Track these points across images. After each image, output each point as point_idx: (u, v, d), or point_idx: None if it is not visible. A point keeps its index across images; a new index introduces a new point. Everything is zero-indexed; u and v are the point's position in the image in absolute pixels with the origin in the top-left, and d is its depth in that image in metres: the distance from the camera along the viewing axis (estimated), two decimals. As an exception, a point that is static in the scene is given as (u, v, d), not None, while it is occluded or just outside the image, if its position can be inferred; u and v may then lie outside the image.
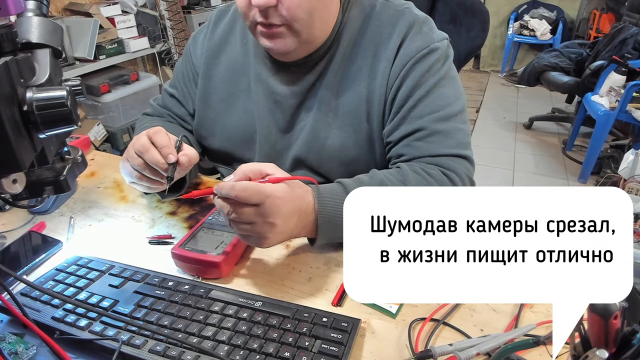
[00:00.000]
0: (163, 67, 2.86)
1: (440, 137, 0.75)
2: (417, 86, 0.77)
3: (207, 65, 0.90)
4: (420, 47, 0.78)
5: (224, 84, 0.89)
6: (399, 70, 0.78)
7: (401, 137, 0.78)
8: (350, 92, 0.81)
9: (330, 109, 0.82)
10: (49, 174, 0.48)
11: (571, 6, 4.38)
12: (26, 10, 0.47)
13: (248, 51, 0.88)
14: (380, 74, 0.79)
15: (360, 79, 0.80)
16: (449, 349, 0.52)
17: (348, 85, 0.81)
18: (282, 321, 0.57)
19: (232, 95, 0.89)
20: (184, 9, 2.85)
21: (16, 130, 0.39)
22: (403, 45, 0.78)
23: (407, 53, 0.78)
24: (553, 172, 2.87)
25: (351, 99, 0.81)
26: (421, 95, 0.77)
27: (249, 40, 0.88)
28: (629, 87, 2.41)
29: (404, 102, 0.77)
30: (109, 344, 0.55)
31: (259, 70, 0.86)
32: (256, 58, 0.87)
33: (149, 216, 0.84)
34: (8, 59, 0.39)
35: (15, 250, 0.75)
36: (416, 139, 0.76)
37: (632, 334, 0.37)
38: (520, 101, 4.02)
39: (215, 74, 0.90)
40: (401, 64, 0.78)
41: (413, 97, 0.77)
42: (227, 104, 0.89)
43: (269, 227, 0.60)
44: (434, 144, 0.75)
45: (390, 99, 0.79)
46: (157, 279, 0.65)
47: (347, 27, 0.81)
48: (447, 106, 0.77)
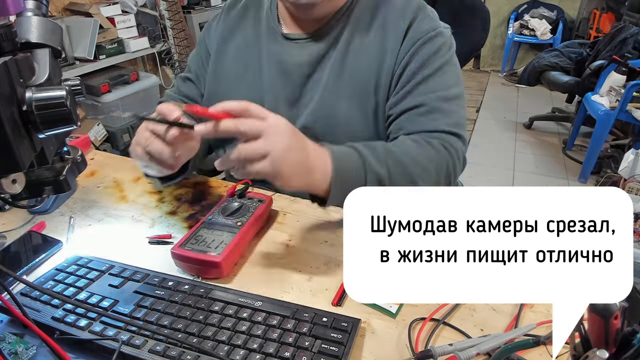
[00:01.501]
0: (163, 67, 2.86)
1: (441, 115, 0.79)
2: (424, 65, 0.81)
3: (219, 45, 0.95)
4: (429, 29, 0.82)
5: (234, 62, 0.93)
6: (408, 47, 0.82)
7: (403, 110, 0.81)
8: (361, 65, 0.84)
9: (340, 80, 0.85)
10: (48, 173, 0.48)
11: (571, 6, 4.38)
12: (25, 10, 0.47)
13: (260, 34, 0.92)
14: (389, 49, 0.83)
15: (371, 54, 0.84)
16: (449, 349, 0.52)
17: (359, 58, 0.84)
18: (282, 321, 0.56)
19: (241, 72, 0.93)
20: (184, 9, 2.85)
21: (16, 130, 0.39)
22: (412, 27, 0.82)
23: (416, 33, 0.82)
24: (553, 172, 2.87)
25: (361, 72, 0.84)
26: (427, 74, 0.80)
27: (262, 24, 0.92)
28: (629, 86, 2.40)
29: (410, 78, 0.81)
30: (109, 344, 0.55)
31: (272, 46, 0.90)
32: (269, 37, 0.90)
33: (148, 216, 0.84)
34: (7, 58, 0.39)
35: (15, 250, 0.75)
36: (418, 114, 0.79)
37: (633, 334, 0.37)
38: (520, 101, 4.02)
39: (227, 53, 0.94)
40: (411, 42, 0.82)
41: (419, 74, 0.81)
42: (236, 80, 0.93)
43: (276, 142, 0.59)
44: (434, 121, 0.78)
45: (398, 74, 0.82)
46: (157, 279, 0.64)
47: (359, 2, 0.86)
48: (449, 88, 0.81)
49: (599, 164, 2.66)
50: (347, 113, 0.85)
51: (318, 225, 0.80)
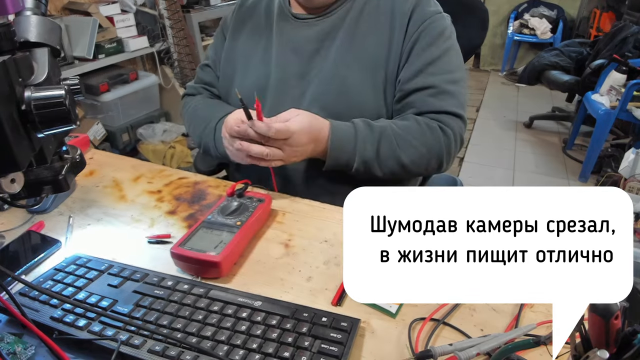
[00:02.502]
0: (162, 66, 2.85)
1: (448, 97, 0.88)
2: (432, 44, 0.89)
3: (234, 31, 1.03)
4: (434, 11, 0.91)
5: (245, 44, 1.01)
6: (416, 26, 0.89)
7: (416, 89, 0.89)
8: (372, 39, 0.91)
9: (349, 54, 0.91)
10: (47, 173, 0.48)
11: (571, 5, 4.37)
12: (24, 9, 0.47)
13: (272, 16, 0.99)
14: (397, 27, 0.90)
15: (380, 31, 0.91)
16: (449, 349, 0.52)
17: (369, 33, 0.91)
18: (281, 321, 0.56)
19: (252, 51, 1.00)
20: (183, 8, 2.84)
21: (14, 129, 0.39)
22: (417, 9, 0.90)
23: (422, 13, 0.90)
24: (553, 171, 2.87)
25: (372, 45, 0.91)
26: (436, 56, 0.89)
27: (273, 11, 1.00)
28: (630, 86, 2.40)
29: (419, 54, 0.89)
30: (108, 343, 0.54)
31: (282, 25, 0.97)
32: (280, 17, 0.98)
33: (148, 215, 0.84)
34: (6, 58, 0.39)
35: (13, 249, 0.75)
36: (429, 95, 0.88)
37: (633, 334, 0.36)
38: (520, 100, 4.02)
39: (240, 37, 1.02)
40: (418, 21, 0.89)
41: (429, 52, 0.89)
42: (246, 59, 1.00)
43: (292, 152, 0.80)
44: (442, 101, 0.88)
45: (407, 50, 0.90)
46: (156, 279, 0.64)
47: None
48: (455, 71, 0.91)
49: (599, 163, 2.66)
50: (357, 84, 0.90)
51: (318, 225, 0.80)
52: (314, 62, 0.94)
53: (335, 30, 0.93)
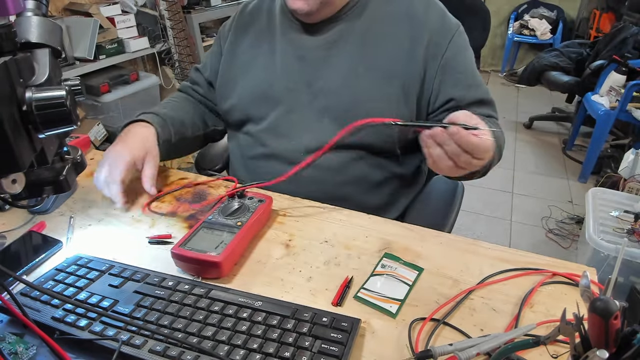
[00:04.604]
0: (163, 67, 2.85)
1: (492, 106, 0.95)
2: (462, 55, 0.92)
3: (235, 35, 1.02)
4: (456, 23, 0.93)
5: (248, 48, 1.00)
6: (443, 36, 0.89)
7: (469, 102, 0.90)
8: (386, 49, 0.90)
9: (361, 62, 0.90)
10: (48, 173, 0.48)
11: (571, 6, 4.37)
12: (25, 10, 0.47)
13: (274, 23, 0.97)
14: (419, 37, 0.89)
15: (399, 39, 0.90)
16: (449, 349, 0.52)
17: (383, 42, 0.90)
18: (282, 321, 0.56)
19: (254, 57, 0.98)
20: (184, 9, 2.84)
21: (15, 130, 0.39)
22: (441, 20, 0.91)
23: (449, 27, 0.91)
24: (553, 171, 2.87)
25: (387, 55, 0.89)
26: (470, 67, 0.93)
27: (276, 15, 0.98)
28: (629, 86, 2.40)
29: (454, 64, 0.90)
30: (109, 344, 0.55)
31: (286, 32, 0.96)
32: (283, 24, 0.96)
33: (148, 216, 0.84)
34: (7, 58, 0.39)
35: (15, 250, 0.75)
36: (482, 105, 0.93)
37: (632, 334, 0.37)
38: (520, 101, 4.02)
39: (242, 41, 1.01)
40: (444, 34, 0.90)
41: (462, 63, 0.91)
42: (249, 64, 0.99)
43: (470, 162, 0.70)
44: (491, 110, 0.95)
45: (439, 62, 0.89)
46: (157, 279, 0.64)
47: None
48: (482, 80, 0.95)
49: (599, 163, 2.66)
50: (368, 95, 0.89)
51: (318, 226, 0.80)
52: (322, 70, 0.92)
53: (344, 38, 0.91)
